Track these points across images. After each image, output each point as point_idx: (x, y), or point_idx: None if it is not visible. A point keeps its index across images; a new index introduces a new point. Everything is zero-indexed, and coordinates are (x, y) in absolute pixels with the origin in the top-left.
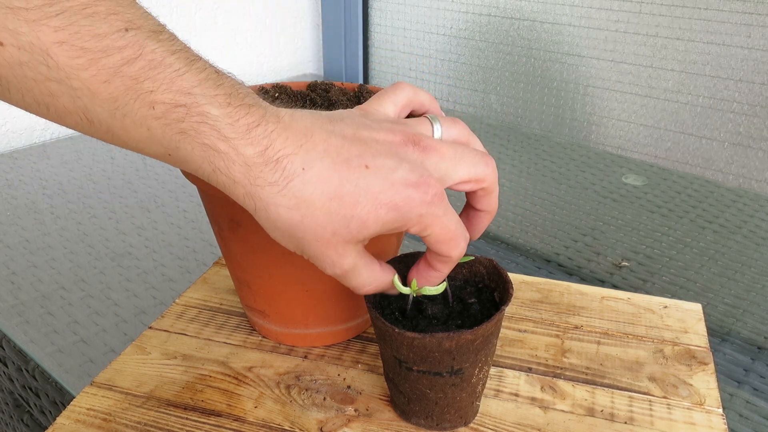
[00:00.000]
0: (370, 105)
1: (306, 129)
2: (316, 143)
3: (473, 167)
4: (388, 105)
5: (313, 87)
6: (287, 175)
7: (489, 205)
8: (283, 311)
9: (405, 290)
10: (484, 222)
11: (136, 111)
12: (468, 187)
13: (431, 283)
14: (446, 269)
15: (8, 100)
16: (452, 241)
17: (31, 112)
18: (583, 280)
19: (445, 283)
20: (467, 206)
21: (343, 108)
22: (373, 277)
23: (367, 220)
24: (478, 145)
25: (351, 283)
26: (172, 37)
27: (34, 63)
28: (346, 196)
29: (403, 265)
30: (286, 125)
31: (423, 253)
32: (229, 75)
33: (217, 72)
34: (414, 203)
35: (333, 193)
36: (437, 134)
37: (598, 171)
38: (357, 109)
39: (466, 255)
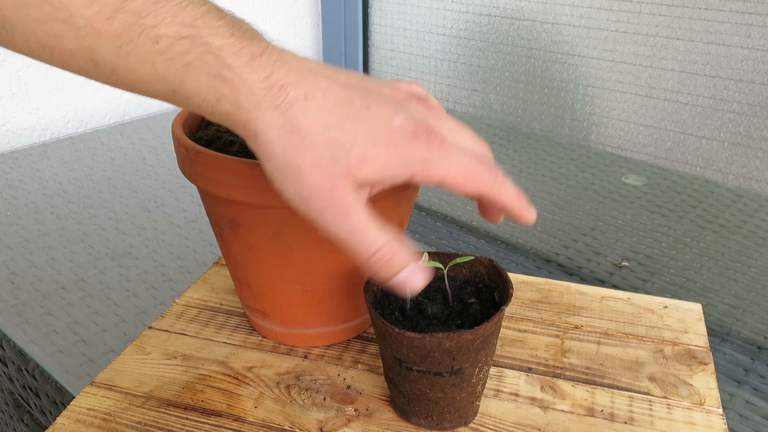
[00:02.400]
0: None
1: (310, 68)
2: (320, 80)
3: (471, 143)
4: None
5: None
6: (290, 101)
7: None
8: (283, 311)
9: (436, 264)
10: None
11: (140, 47)
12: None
13: (520, 207)
14: (504, 196)
15: (12, 46)
16: (471, 179)
17: (35, 57)
18: (583, 280)
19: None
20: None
21: None
22: (385, 237)
23: (366, 154)
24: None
25: (359, 240)
26: None
27: (38, 2)
28: (346, 128)
29: None
30: (290, 59)
31: (422, 252)
32: (230, 12)
33: (218, 7)
34: (415, 146)
35: (333, 123)
36: None
37: (598, 171)
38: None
39: (465, 255)
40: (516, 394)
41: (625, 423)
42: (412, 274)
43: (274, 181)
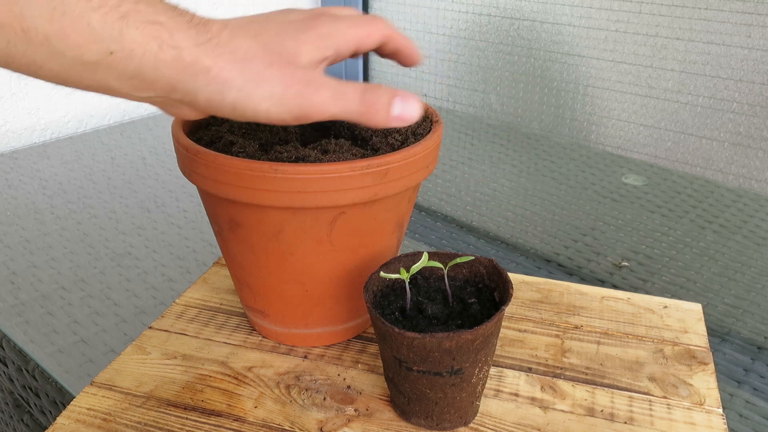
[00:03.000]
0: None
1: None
2: (224, 19)
3: (354, 23)
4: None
5: None
6: (214, 32)
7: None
8: (283, 311)
9: (436, 264)
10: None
11: (73, 7)
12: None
13: (410, 49)
14: (401, 40)
15: None
16: (369, 25)
17: None
18: (583, 280)
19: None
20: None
21: None
22: (361, 84)
23: (296, 41)
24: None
25: (344, 97)
26: None
27: None
28: (270, 31)
29: (403, 264)
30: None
31: (422, 252)
32: None
33: None
34: (322, 24)
35: (259, 31)
36: None
37: (598, 171)
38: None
39: (465, 255)
40: (516, 394)
41: (625, 423)
42: (406, 103)
43: (244, 107)
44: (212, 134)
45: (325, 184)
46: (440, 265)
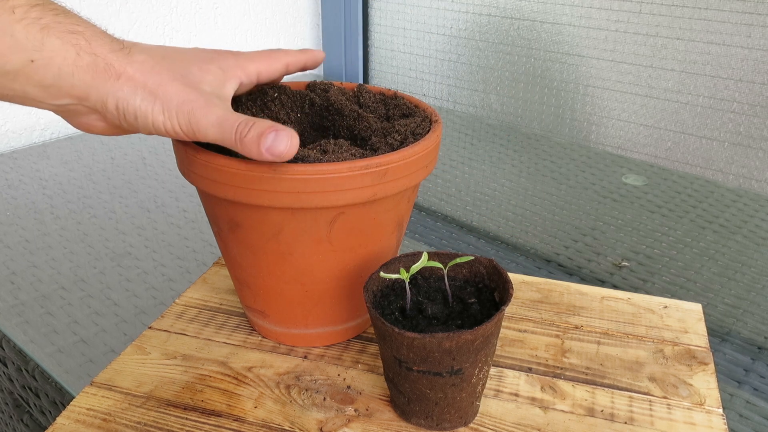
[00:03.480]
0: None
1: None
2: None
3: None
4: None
5: (312, 87)
6: (127, 44)
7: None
8: (283, 311)
9: (436, 264)
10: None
11: None
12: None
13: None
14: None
15: None
16: (269, 57)
17: None
18: (583, 280)
19: None
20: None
21: (342, 106)
22: (241, 116)
23: (202, 65)
24: None
25: (224, 128)
26: None
27: None
28: (177, 54)
29: (403, 264)
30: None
31: (422, 252)
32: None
33: None
34: (224, 56)
35: (166, 53)
36: None
37: (598, 171)
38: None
39: (465, 255)
40: (516, 394)
41: (625, 423)
42: (277, 139)
43: (145, 117)
44: None
45: (324, 184)
46: (440, 265)
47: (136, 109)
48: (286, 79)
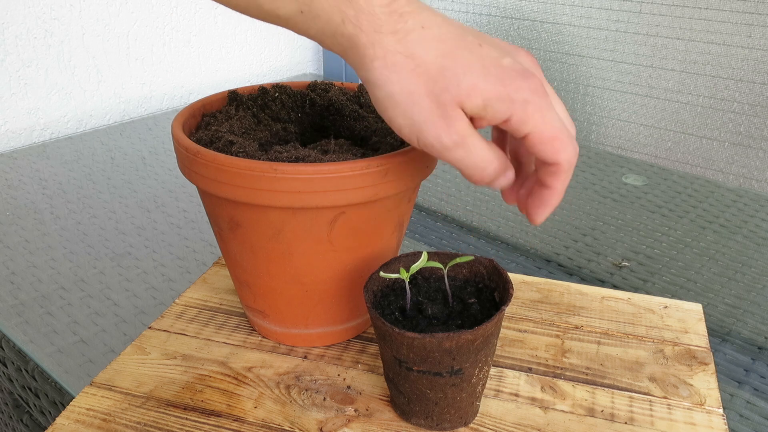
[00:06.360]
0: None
1: (428, 6)
2: (436, 15)
3: (563, 112)
4: None
5: (313, 87)
6: (408, 27)
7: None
8: (283, 311)
9: (436, 264)
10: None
11: None
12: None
13: (548, 205)
14: (559, 183)
15: None
16: (557, 140)
17: None
18: (583, 280)
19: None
20: (536, 183)
21: (342, 106)
22: (493, 152)
23: (477, 84)
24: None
25: (472, 160)
26: None
27: None
28: (459, 58)
29: (403, 264)
30: None
31: (422, 252)
32: None
33: None
34: (520, 86)
35: (447, 52)
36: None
37: (598, 171)
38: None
39: (465, 255)
40: (516, 395)
41: (626, 423)
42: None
43: (384, 110)
44: (212, 134)
45: (324, 184)
46: (440, 265)
47: (378, 101)
48: (286, 79)
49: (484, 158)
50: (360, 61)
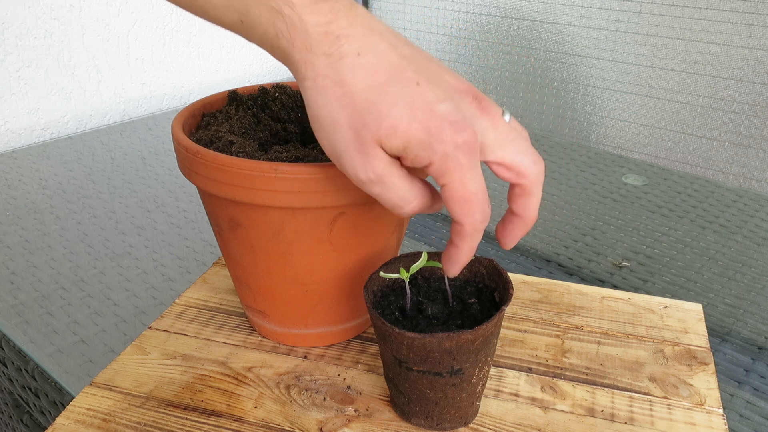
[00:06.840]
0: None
1: (375, 29)
2: (379, 42)
3: (519, 155)
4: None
5: None
6: (342, 52)
7: (525, 209)
8: (283, 311)
9: (436, 264)
10: (516, 229)
11: None
12: (506, 174)
13: (453, 262)
14: (463, 243)
15: None
16: (467, 204)
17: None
18: (583, 280)
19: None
20: (507, 211)
21: None
22: (414, 191)
23: (398, 126)
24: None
25: (389, 197)
26: None
27: None
28: (387, 94)
29: (403, 264)
30: (357, 14)
31: (422, 252)
32: None
33: None
34: (444, 137)
35: (377, 86)
36: (505, 118)
37: (598, 171)
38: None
39: None
40: (516, 395)
41: (626, 423)
42: None
43: (312, 128)
44: (212, 134)
45: (325, 184)
46: (440, 265)
47: (309, 108)
48: (286, 79)
49: (402, 197)
50: (295, 75)
